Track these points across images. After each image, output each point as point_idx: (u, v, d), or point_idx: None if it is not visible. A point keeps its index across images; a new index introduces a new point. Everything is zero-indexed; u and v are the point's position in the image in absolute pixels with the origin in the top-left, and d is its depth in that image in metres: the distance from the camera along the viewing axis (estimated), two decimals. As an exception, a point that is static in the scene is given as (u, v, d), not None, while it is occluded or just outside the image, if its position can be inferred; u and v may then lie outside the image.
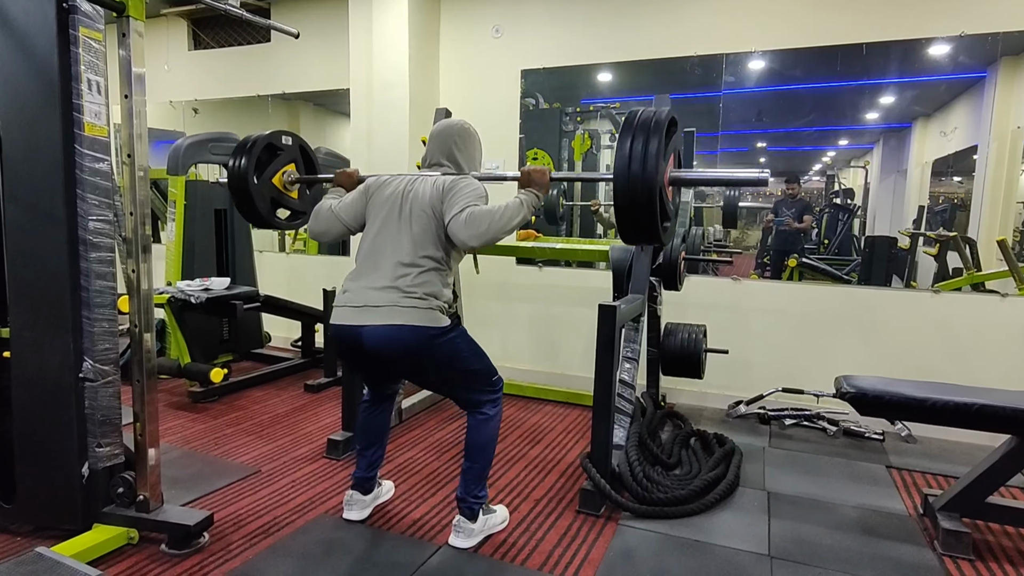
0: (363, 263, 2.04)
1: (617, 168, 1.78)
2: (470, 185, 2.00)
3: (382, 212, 2.05)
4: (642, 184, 1.75)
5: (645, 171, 1.74)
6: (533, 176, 2.03)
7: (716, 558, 2.09)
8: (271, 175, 2.62)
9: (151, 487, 2.06)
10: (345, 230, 2.15)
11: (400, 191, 2.05)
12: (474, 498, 2.12)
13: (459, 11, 4.16)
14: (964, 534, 2.12)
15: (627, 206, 1.79)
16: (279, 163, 2.65)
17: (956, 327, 3.25)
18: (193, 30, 5.21)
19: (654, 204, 1.76)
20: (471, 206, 1.91)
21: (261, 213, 2.59)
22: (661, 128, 1.77)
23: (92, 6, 1.91)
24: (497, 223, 1.89)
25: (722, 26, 3.54)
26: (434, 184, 2.02)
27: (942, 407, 2.09)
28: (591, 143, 4.25)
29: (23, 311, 1.99)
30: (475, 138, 2.20)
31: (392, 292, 1.92)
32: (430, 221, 1.97)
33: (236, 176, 2.52)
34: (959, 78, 3.25)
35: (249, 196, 2.53)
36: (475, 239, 1.88)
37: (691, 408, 3.67)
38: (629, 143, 1.76)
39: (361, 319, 1.93)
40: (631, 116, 1.82)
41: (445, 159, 2.14)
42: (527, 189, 2.03)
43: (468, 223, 1.88)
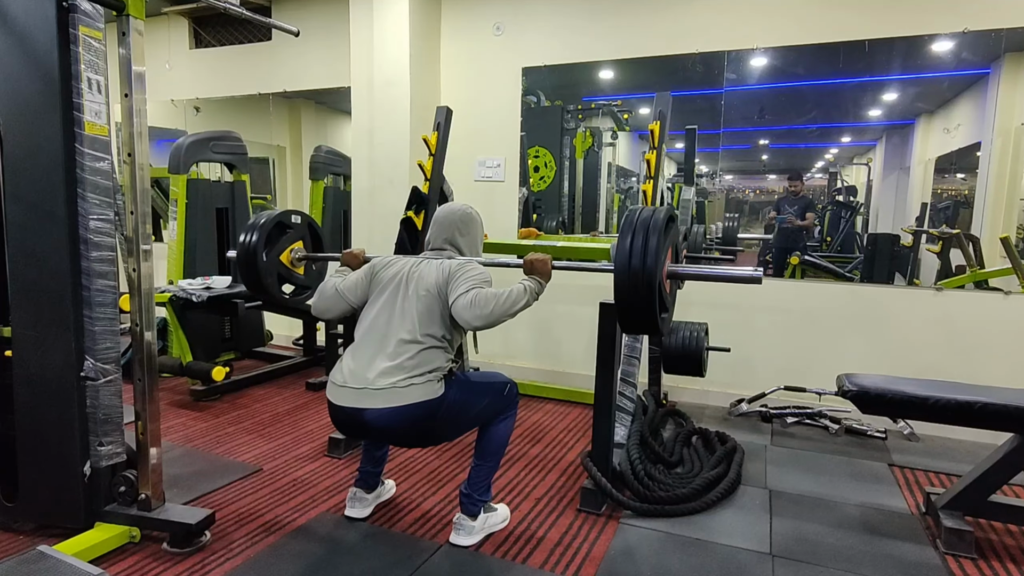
0: (364, 339, 2.03)
1: (618, 264, 1.88)
2: (475, 269, 2.03)
3: (386, 290, 2.07)
4: (642, 279, 1.84)
5: (645, 267, 1.84)
6: (535, 265, 2.07)
7: (718, 556, 2.09)
8: (279, 252, 2.73)
9: (153, 485, 2.06)
10: (349, 308, 2.16)
11: (405, 271, 2.07)
12: (478, 496, 2.12)
13: (460, 8, 4.15)
14: (967, 533, 2.11)
15: (627, 299, 1.88)
16: (287, 241, 2.77)
17: (959, 325, 3.23)
18: (194, 28, 5.21)
19: (653, 297, 1.85)
20: (476, 288, 1.94)
21: (268, 289, 2.69)
22: (660, 226, 1.87)
23: (92, 5, 1.91)
24: (502, 306, 1.90)
25: (724, 23, 3.52)
26: (440, 266, 2.04)
27: (944, 405, 2.08)
28: (592, 141, 4.24)
29: (25, 310, 1.99)
30: (477, 223, 2.25)
31: (392, 373, 1.91)
32: (434, 301, 1.99)
33: (246, 252, 2.63)
34: (962, 74, 3.23)
35: (257, 273, 2.64)
36: (479, 320, 1.90)
37: (693, 406, 3.67)
38: (629, 240, 1.86)
39: (362, 402, 1.92)
40: (631, 214, 1.92)
41: (448, 244, 2.18)
42: (530, 276, 2.05)
43: (473, 304, 1.90)
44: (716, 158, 3.80)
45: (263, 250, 2.64)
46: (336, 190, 4.96)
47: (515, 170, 4.12)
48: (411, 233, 3.06)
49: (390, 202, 3.94)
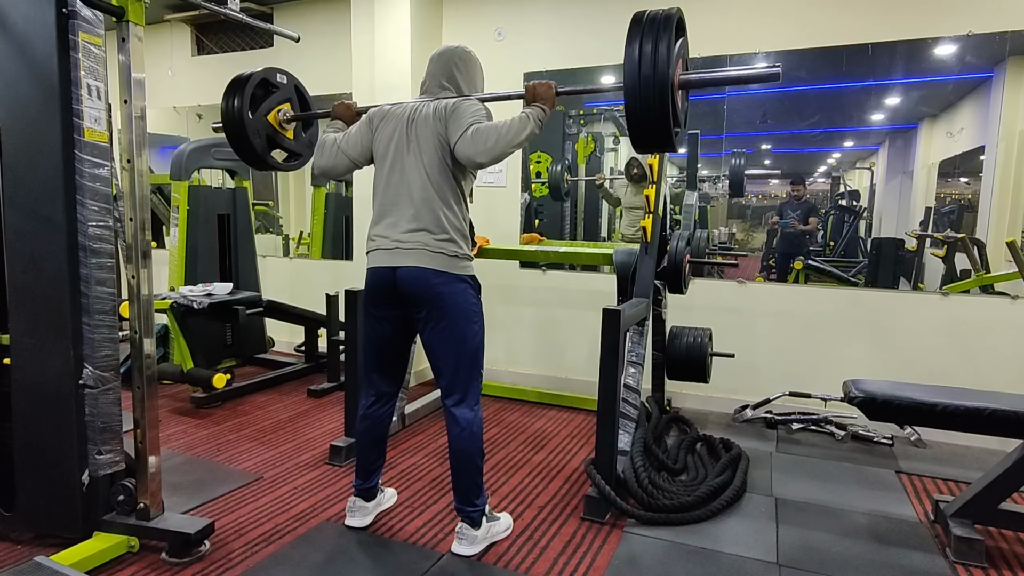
0: (382, 204, 2.06)
1: (627, 72, 1.74)
2: (473, 105, 1.98)
3: (391, 148, 2.05)
4: (654, 86, 1.70)
5: (656, 73, 1.69)
6: (538, 90, 1.96)
7: (723, 566, 2.06)
8: (266, 112, 2.54)
9: (152, 494, 2.04)
10: (352, 165, 2.15)
11: (404, 122, 2.04)
12: (472, 507, 2.08)
13: (461, 14, 4.16)
14: (977, 541, 2.08)
15: (639, 110, 1.75)
16: (274, 100, 2.57)
17: (965, 330, 3.21)
18: (197, 36, 5.22)
19: (666, 107, 1.71)
20: (475, 123, 1.90)
21: (257, 150, 2.49)
22: (671, 26, 1.71)
23: (92, 11, 1.91)
24: (505, 136, 1.85)
25: (726, 27, 3.51)
26: (435, 109, 1.99)
27: (952, 411, 2.05)
28: (595, 146, 4.23)
29: (23, 317, 1.98)
30: (476, 61, 2.18)
31: (420, 234, 1.97)
32: (438, 149, 1.97)
33: (230, 112, 2.43)
34: (966, 78, 3.21)
35: (244, 132, 2.44)
36: (482, 155, 1.87)
37: (697, 412, 3.64)
38: (638, 45, 1.72)
39: (395, 260, 1.98)
40: (638, 16, 1.78)
41: (446, 81, 2.11)
42: (533, 104, 1.96)
43: (475, 139, 1.87)
44: (719, 163, 3.78)
45: (248, 110, 2.46)
46: (338, 196, 4.95)
47: (517, 175, 4.11)
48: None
49: (392, 208, 3.93)
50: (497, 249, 3.62)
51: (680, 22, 1.80)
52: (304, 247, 5.16)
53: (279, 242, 5.28)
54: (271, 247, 5.18)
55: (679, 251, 3.06)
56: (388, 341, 2.18)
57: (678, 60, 1.79)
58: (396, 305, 2.07)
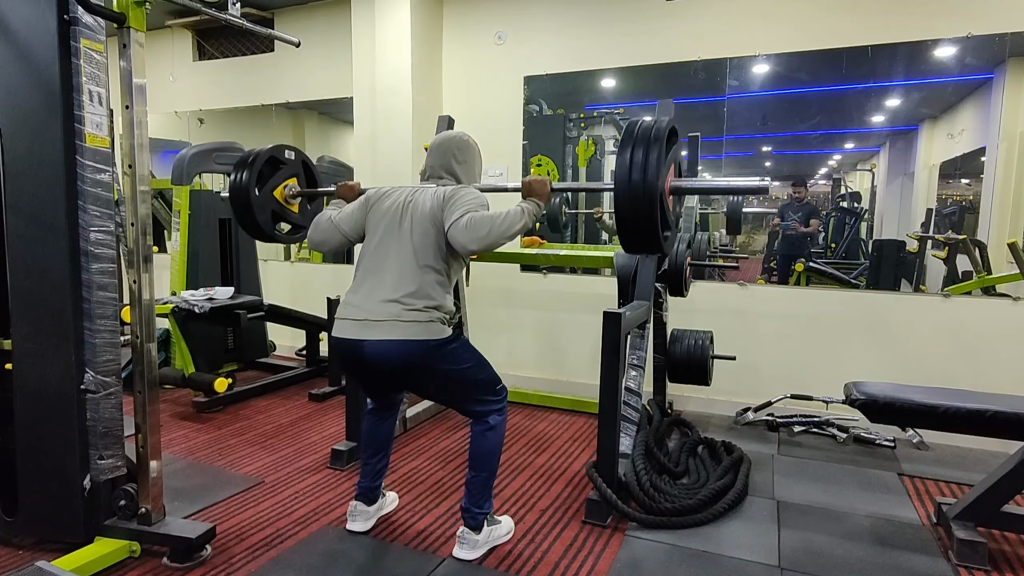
0: (363, 274, 2.03)
1: (618, 178, 1.78)
2: (470, 193, 2.00)
3: (383, 223, 2.04)
4: (643, 193, 1.75)
5: (646, 180, 1.74)
6: (534, 186, 2.02)
7: (725, 569, 2.05)
8: (273, 188, 2.64)
9: (153, 499, 2.04)
10: (344, 240, 2.14)
11: (401, 202, 2.05)
12: (479, 509, 2.09)
13: (461, 17, 4.17)
14: (979, 544, 2.07)
15: (628, 216, 1.80)
16: (281, 176, 2.67)
17: (967, 331, 3.20)
18: (198, 41, 5.24)
19: (655, 213, 1.77)
20: (472, 212, 1.91)
21: (261, 226, 2.59)
22: (662, 138, 1.77)
23: (93, 18, 1.91)
24: (498, 228, 1.87)
25: (726, 30, 3.52)
26: (435, 194, 2.02)
27: (954, 413, 2.05)
28: (595, 149, 4.23)
29: (25, 322, 1.98)
30: (474, 150, 2.20)
31: (393, 305, 1.92)
32: (431, 231, 1.97)
33: (238, 189, 2.54)
34: (966, 80, 3.21)
35: (250, 208, 2.54)
36: (475, 243, 1.87)
37: (698, 415, 3.63)
38: (629, 153, 1.77)
39: (362, 333, 1.92)
40: (631, 126, 1.83)
41: (445, 172, 2.14)
42: (528, 199, 2.02)
43: (469, 227, 1.87)
44: (719, 165, 3.78)
45: (255, 186, 2.54)
46: (339, 200, 4.95)
47: (518, 179, 4.10)
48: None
49: (392, 212, 3.93)
50: (498, 253, 3.62)
51: (672, 132, 1.85)
52: (305, 251, 5.17)
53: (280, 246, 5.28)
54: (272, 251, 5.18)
55: (680, 254, 3.06)
56: (376, 390, 2.22)
57: (670, 167, 1.85)
58: (370, 376, 2.07)
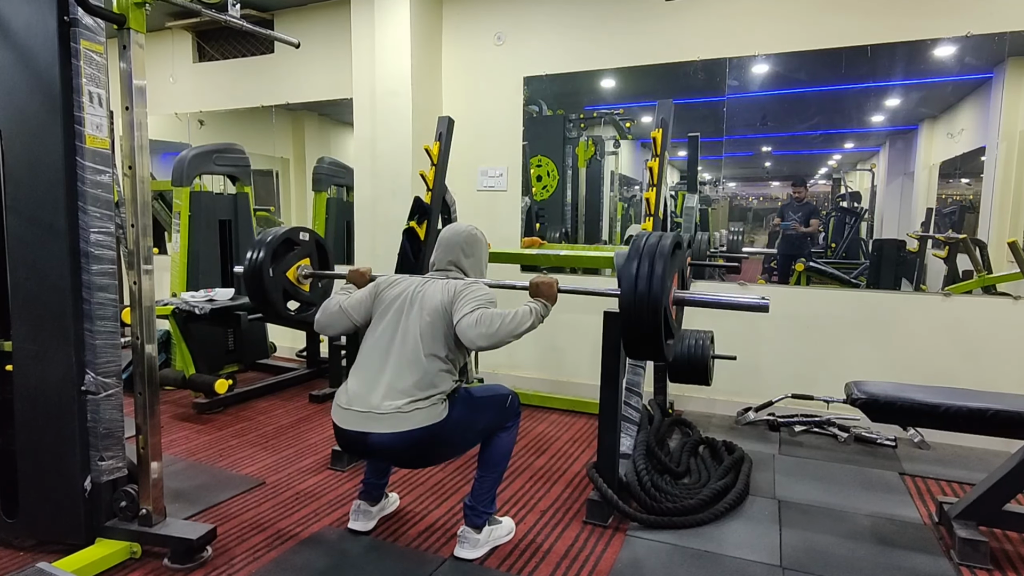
0: (367, 359, 2.02)
1: (623, 291, 1.87)
2: (481, 289, 2.03)
3: (391, 309, 2.05)
4: (648, 305, 1.83)
5: (651, 294, 1.83)
6: (542, 288, 2.06)
7: (726, 569, 2.05)
8: (285, 269, 2.73)
9: (154, 500, 2.04)
10: (352, 326, 2.15)
11: (410, 292, 2.06)
12: (483, 508, 2.10)
13: (461, 18, 4.17)
14: (981, 543, 2.07)
15: (633, 325, 1.87)
16: (294, 257, 2.77)
17: (968, 330, 3.20)
18: (198, 43, 5.24)
19: (659, 323, 1.84)
20: (482, 308, 1.93)
21: (274, 305, 2.69)
22: (666, 253, 1.86)
23: (93, 19, 1.92)
24: (507, 326, 1.90)
25: (725, 30, 3.52)
26: (444, 286, 2.04)
27: (955, 412, 2.05)
28: (595, 149, 4.23)
29: (25, 324, 1.99)
30: (482, 243, 2.24)
31: (396, 397, 1.90)
32: (438, 321, 1.97)
33: (252, 269, 2.63)
34: (965, 79, 3.21)
35: (264, 289, 2.64)
36: (484, 339, 1.89)
37: (699, 415, 3.63)
38: (636, 266, 1.86)
39: (366, 426, 1.91)
40: (637, 240, 1.91)
41: (453, 266, 2.16)
42: (536, 299, 2.05)
43: (479, 323, 1.89)
44: (719, 165, 3.78)
45: (270, 266, 2.64)
46: (339, 201, 4.96)
47: (517, 179, 4.12)
48: (413, 243, 3.05)
49: (392, 212, 3.94)
50: (498, 253, 3.61)
51: (677, 245, 1.94)
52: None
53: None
54: (273, 252, 5.19)
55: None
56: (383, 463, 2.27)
57: (673, 277, 1.93)
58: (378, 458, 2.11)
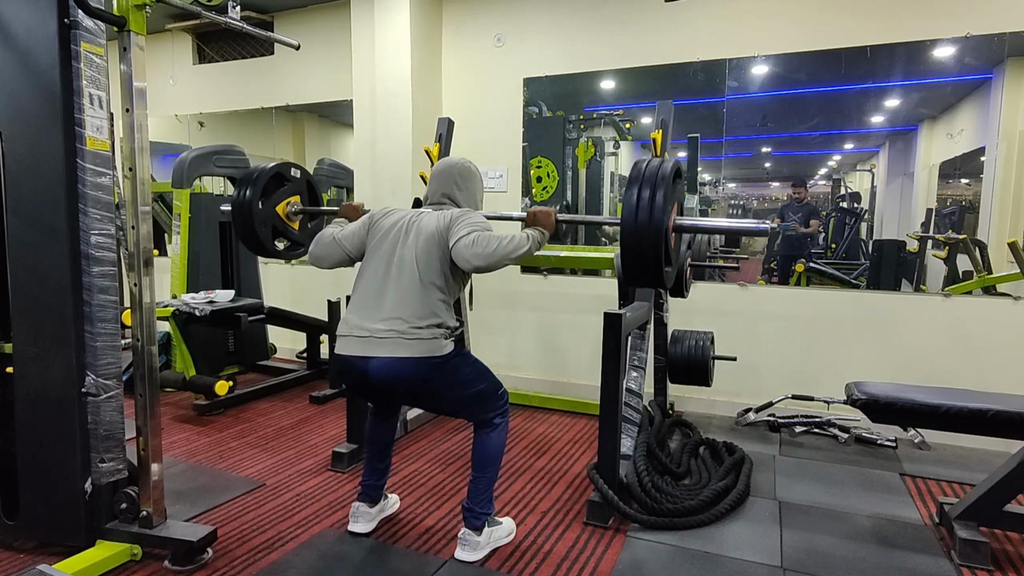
0: (364, 291, 2.03)
1: (625, 216, 1.87)
2: (476, 216, 2.04)
3: (385, 240, 2.06)
4: (648, 231, 1.82)
5: (652, 219, 1.82)
6: (539, 216, 2.07)
7: (727, 570, 2.05)
8: (275, 204, 2.66)
9: (154, 502, 2.04)
10: (346, 258, 2.15)
11: (405, 221, 2.07)
12: (481, 510, 2.09)
13: (461, 20, 4.17)
14: (982, 544, 2.07)
15: (633, 251, 1.87)
16: (285, 193, 2.70)
17: (968, 331, 3.20)
18: (198, 44, 5.25)
19: (659, 250, 1.84)
20: (478, 231, 1.94)
21: (261, 239, 2.61)
22: (667, 178, 1.85)
23: (94, 21, 1.92)
24: (504, 248, 1.91)
25: (725, 31, 3.52)
26: (440, 216, 2.04)
27: (956, 413, 2.05)
28: (595, 150, 4.23)
29: (26, 326, 1.99)
30: (476, 176, 2.22)
31: (396, 322, 1.92)
32: (434, 249, 1.98)
33: (241, 203, 2.56)
34: (965, 80, 3.22)
35: (250, 220, 2.55)
36: (480, 259, 1.89)
37: (699, 416, 3.63)
38: (636, 192, 1.85)
39: (366, 350, 1.93)
40: (638, 166, 1.91)
41: (447, 198, 2.16)
42: (533, 227, 2.06)
43: (476, 243, 1.90)
44: (719, 166, 3.78)
45: (258, 200, 2.56)
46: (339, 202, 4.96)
47: (517, 180, 4.12)
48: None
49: (393, 214, 3.93)
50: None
51: (677, 172, 1.93)
52: (306, 253, 5.17)
53: (281, 248, 5.28)
54: (273, 254, 5.19)
55: (680, 254, 3.06)
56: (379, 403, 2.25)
57: (673, 205, 1.92)
58: (373, 393, 2.08)
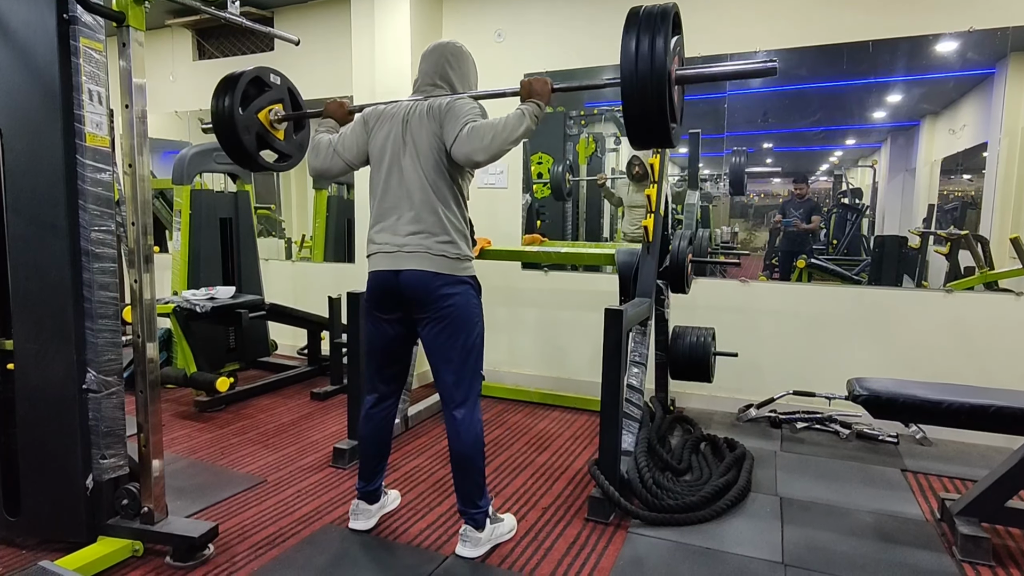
0: (381, 208, 2.06)
1: (624, 68, 1.71)
2: (467, 104, 1.97)
3: (387, 150, 2.04)
4: (651, 80, 1.68)
5: (653, 66, 1.67)
6: (534, 86, 1.94)
7: (728, 566, 2.05)
8: (257, 110, 2.48)
9: (155, 499, 2.04)
10: (347, 167, 2.14)
11: (400, 123, 2.03)
12: (476, 508, 2.08)
13: (461, 16, 4.16)
14: (983, 539, 2.07)
15: (636, 105, 1.73)
16: (266, 99, 2.51)
17: (970, 327, 3.19)
18: (198, 40, 5.24)
19: (663, 102, 1.70)
20: (471, 122, 1.89)
21: (246, 147, 2.41)
22: (667, 21, 1.70)
23: (93, 17, 1.91)
24: (501, 134, 1.84)
25: (725, 26, 3.51)
26: (429, 108, 1.99)
27: (958, 409, 2.04)
28: (595, 147, 4.23)
29: (26, 323, 1.98)
30: (469, 57, 2.17)
31: (420, 236, 1.97)
32: (434, 150, 1.97)
33: (221, 109, 2.36)
34: (967, 74, 3.20)
35: (234, 128, 2.36)
36: (480, 152, 1.86)
37: (700, 412, 3.63)
38: (635, 40, 1.70)
39: (396, 264, 1.99)
40: (634, 10, 1.77)
41: (439, 79, 2.10)
42: (528, 100, 1.94)
43: (471, 137, 1.86)
44: (721, 163, 3.77)
45: (239, 105, 2.39)
46: (340, 199, 4.96)
47: (518, 177, 4.11)
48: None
49: (393, 210, 3.93)
50: (499, 250, 3.61)
51: (676, 17, 1.79)
52: (306, 250, 5.17)
53: (281, 245, 5.28)
54: (273, 250, 5.19)
55: (681, 250, 3.05)
56: (390, 342, 2.17)
57: (674, 56, 1.78)
58: (398, 307, 2.07)
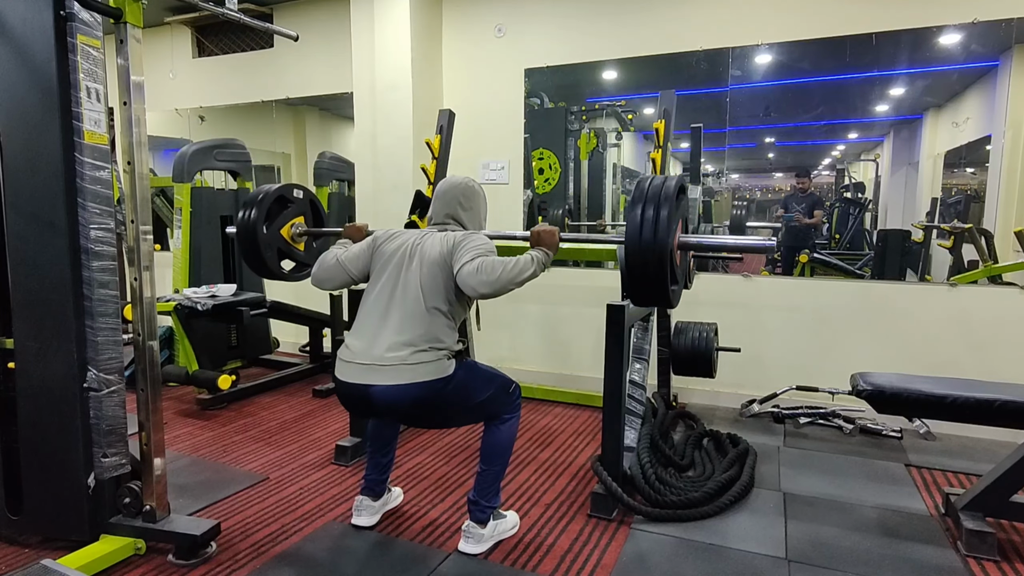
0: (368, 315, 2.01)
1: (629, 235, 1.84)
2: (480, 239, 2.01)
3: (390, 263, 2.04)
4: (653, 250, 1.81)
5: (656, 238, 1.80)
6: (543, 236, 2.04)
7: (732, 562, 2.04)
8: (280, 226, 2.67)
9: (158, 497, 2.04)
10: (349, 280, 2.14)
11: (408, 245, 2.05)
12: (487, 503, 2.09)
13: (461, 11, 4.14)
14: (988, 534, 2.06)
15: (638, 271, 1.85)
16: (288, 215, 2.71)
17: (974, 321, 3.18)
18: (197, 37, 5.22)
19: (664, 269, 1.82)
20: (482, 256, 1.92)
21: (267, 263, 2.63)
22: (671, 197, 1.82)
23: (90, 14, 1.90)
24: (508, 273, 1.87)
25: (727, 19, 3.49)
26: (443, 238, 2.02)
27: (962, 403, 2.03)
28: (597, 142, 4.21)
29: (27, 321, 1.98)
30: (480, 196, 2.21)
31: (399, 349, 1.89)
32: (438, 273, 1.96)
33: (245, 226, 2.56)
34: (971, 67, 3.18)
35: (256, 246, 2.57)
36: (485, 286, 1.87)
37: (703, 408, 3.62)
38: (640, 211, 1.82)
39: (369, 378, 1.89)
40: (641, 184, 1.88)
41: (451, 219, 2.14)
42: (538, 247, 2.02)
43: (480, 270, 1.88)
44: (722, 157, 3.76)
45: (263, 224, 2.57)
46: (340, 196, 4.95)
47: (519, 172, 4.10)
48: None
49: (394, 207, 3.92)
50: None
51: (681, 189, 1.90)
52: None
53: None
54: (274, 248, 5.18)
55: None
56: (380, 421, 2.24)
57: (678, 223, 1.90)
58: (380, 415, 2.07)
